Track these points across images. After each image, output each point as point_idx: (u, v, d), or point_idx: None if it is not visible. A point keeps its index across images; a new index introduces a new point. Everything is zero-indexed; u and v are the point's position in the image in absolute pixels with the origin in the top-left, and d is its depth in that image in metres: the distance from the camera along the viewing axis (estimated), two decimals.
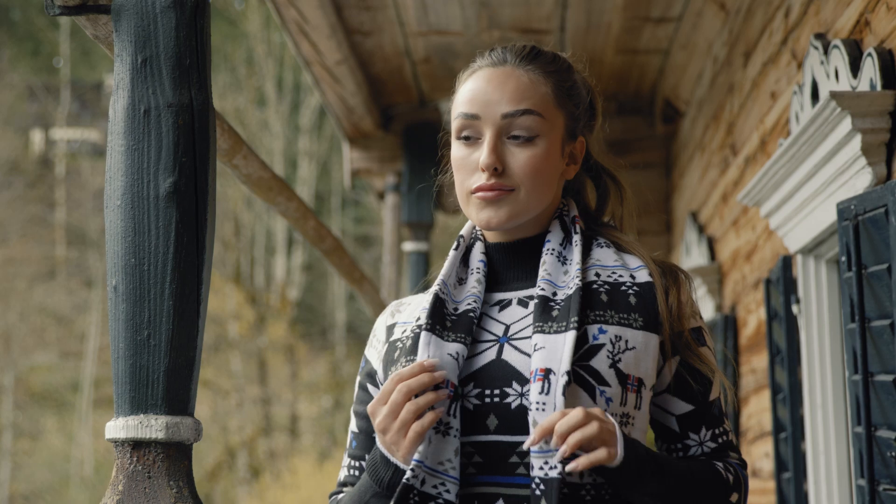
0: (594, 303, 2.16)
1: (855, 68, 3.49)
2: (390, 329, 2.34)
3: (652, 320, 2.17)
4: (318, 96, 7.50)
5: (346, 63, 6.49)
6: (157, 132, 2.31)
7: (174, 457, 2.26)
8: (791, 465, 4.35)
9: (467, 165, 2.24)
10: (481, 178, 2.22)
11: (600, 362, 2.10)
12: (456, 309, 2.22)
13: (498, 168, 2.20)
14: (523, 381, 2.09)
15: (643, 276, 2.22)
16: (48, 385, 30.05)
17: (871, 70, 3.32)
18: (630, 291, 2.19)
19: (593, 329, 2.13)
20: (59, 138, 33.85)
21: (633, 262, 2.25)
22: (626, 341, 2.13)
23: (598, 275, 2.22)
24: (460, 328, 2.17)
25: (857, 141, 3.31)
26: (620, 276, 2.22)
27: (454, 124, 2.27)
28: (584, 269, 2.22)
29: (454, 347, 2.13)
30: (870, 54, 3.32)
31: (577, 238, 2.25)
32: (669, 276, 2.23)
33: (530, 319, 2.18)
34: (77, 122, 33.99)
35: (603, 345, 2.11)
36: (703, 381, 2.21)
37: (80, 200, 32.09)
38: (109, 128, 2.36)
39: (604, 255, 2.26)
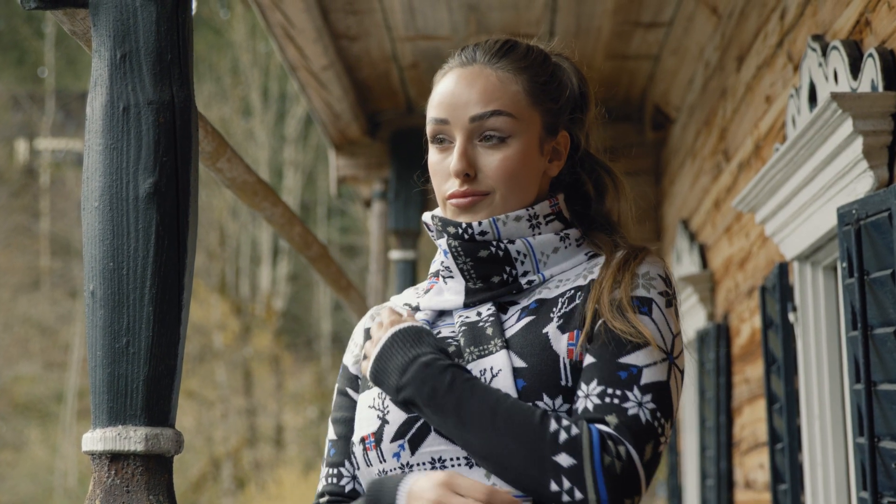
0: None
1: (855, 69, 3.41)
2: (369, 334, 2.27)
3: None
4: (303, 105, 7.45)
5: (333, 68, 6.41)
6: (137, 131, 2.22)
7: (154, 470, 2.16)
8: (788, 477, 4.26)
9: (441, 171, 2.17)
10: (454, 185, 2.14)
11: None
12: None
13: (469, 174, 2.12)
14: None
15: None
16: (32, 396, 29.90)
17: (872, 71, 3.24)
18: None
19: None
20: (44, 148, 33.72)
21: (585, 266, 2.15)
22: (491, 368, 2.03)
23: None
24: None
25: (858, 143, 3.23)
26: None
27: (427, 128, 2.20)
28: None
29: None
30: (871, 55, 3.24)
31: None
32: (631, 253, 2.12)
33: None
34: (62, 132, 33.84)
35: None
36: (621, 342, 1.99)
37: (64, 210, 31.98)
38: (87, 126, 2.26)
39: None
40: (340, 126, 7.47)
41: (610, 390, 1.96)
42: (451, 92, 2.16)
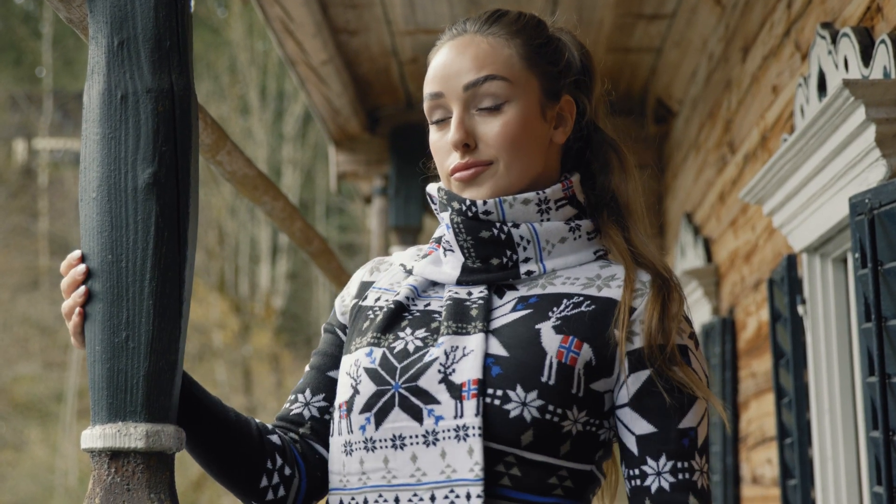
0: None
1: (866, 57, 3.36)
2: (364, 288, 2.24)
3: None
4: (301, 104, 7.40)
5: (332, 63, 6.35)
6: (136, 119, 2.15)
7: (155, 467, 2.10)
8: (797, 472, 4.21)
9: (442, 147, 2.10)
10: (456, 158, 2.07)
11: (429, 379, 1.97)
12: None
13: (469, 144, 2.05)
14: None
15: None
16: (32, 396, 29.86)
17: (884, 57, 3.18)
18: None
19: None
20: (42, 148, 33.69)
21: (605, 272, 2.08)
22: (464, 348, 1.98)
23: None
24: None
25: (870, 131, 3.17)
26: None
27: (424, 107, 2.13)
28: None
29: None
30: (883, 41, 3.19)
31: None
32: (661, 285, 2.03)
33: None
34: (60, 132, 33.80)
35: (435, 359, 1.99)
36: (676, 401, 1.97)
37: (63, 210, 31.95)
38: (84, 115, 2.20)
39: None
40: (340, 122, 7.42)
41: (679, 464, 1.99)
42: (444, 64, 2.10)
